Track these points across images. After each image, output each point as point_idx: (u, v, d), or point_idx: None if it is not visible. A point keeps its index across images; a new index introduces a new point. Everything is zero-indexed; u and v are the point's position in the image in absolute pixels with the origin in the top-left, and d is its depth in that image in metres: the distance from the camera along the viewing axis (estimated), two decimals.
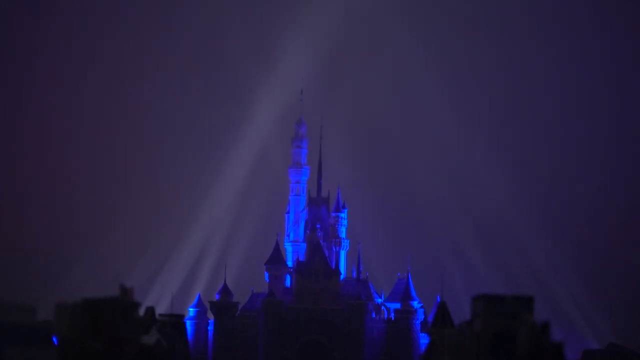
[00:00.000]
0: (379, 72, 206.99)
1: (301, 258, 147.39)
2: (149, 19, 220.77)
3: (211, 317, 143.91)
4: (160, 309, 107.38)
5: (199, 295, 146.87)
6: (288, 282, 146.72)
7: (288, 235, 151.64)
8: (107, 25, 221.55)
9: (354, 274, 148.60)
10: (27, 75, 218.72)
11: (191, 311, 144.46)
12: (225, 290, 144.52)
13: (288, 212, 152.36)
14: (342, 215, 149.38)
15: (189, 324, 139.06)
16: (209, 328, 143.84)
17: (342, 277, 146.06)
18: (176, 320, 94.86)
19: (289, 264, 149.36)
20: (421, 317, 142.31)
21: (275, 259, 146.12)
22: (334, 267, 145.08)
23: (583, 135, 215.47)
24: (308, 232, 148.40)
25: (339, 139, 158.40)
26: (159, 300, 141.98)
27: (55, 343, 57.10)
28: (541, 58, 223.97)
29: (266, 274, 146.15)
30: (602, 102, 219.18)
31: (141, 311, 62.62)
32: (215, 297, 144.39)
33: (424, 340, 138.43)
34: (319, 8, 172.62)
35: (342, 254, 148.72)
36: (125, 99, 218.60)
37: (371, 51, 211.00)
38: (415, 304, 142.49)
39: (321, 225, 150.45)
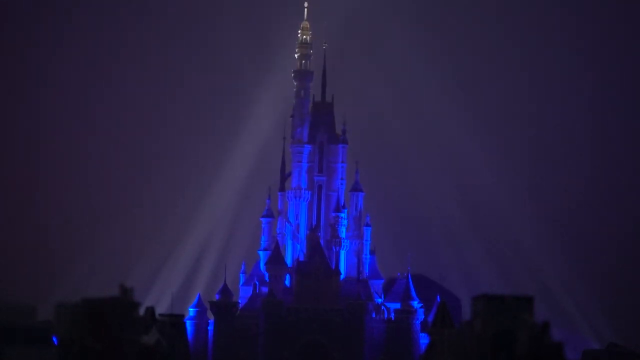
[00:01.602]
0: (379, 72, 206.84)
1: (304, 164, 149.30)
2: (147, 19, 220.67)
3: (211, 317, 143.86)
4: (160, 309, 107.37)
5: (199, 295, 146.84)
6: (288, 282, 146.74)
7: (293, 137, 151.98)
8: (104, 25, 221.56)
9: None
10: (30, 75, 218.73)
11: (191, 311, 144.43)
12: (225, 290, 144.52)
13: (293, 116, 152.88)
14: (342, 215, 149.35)
15: (189, 324, 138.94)
16: (209, 328, 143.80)
17: (342, 277, 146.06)
18: (176, 320, 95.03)
19: (293, 163, 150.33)
20: (421, 317, 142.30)
21: (275, 259, 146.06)
22: (334, 267, 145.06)
23: (584, 136, 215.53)
24: (315, 136, 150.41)
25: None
26: (159, 300, 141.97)
27: (55, 343, 57.12)
28: (543, 58, 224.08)
29: (266, 274, 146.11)
30: (605, 102, 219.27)
31: (141, 311, 62.63)
32: (215, 297, 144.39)
33: (424, 340, 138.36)
34: (319, 10, 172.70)
35: (342, 254, 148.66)
36: (124, 99, 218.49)
37: (371, 52, 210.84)
38: (415, 304, 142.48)
39: (325, 127, 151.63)
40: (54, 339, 57.84)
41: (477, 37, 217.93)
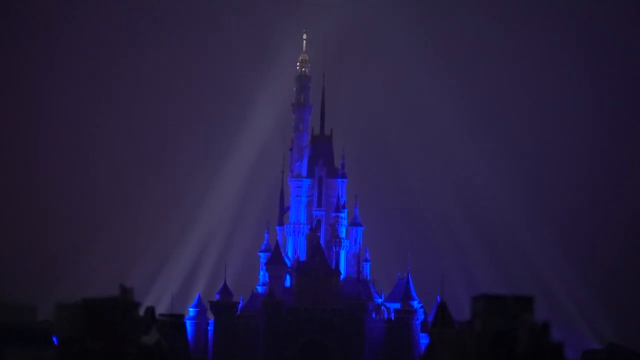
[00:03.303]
0: (379, 78, 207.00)
1: (303, 198, 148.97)
2: (147, 19, 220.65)
3: (211, 317, 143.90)
4: (160, 309, 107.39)
5: (199, 295, 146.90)
6: (288, 282, 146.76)
7: (292, 171, 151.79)
8: (104, 26, 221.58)
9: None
10: (31, 76, 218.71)
11: (191, 311, 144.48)
12: (225, 290, 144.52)
13: (291, 149, 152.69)
14: (342, 215, 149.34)
15: (189, 324, 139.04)
16: (209, 328, 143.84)
17: (342, 277, 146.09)
18: (176, 320, 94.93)
19: (292, 197, 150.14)
20: (421, 317, 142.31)
21: (275, 259, 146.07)
22: (334, 267, 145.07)
23: (583, 136, 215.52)
24: (314, 169, 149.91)
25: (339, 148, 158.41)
26: (159, 300, 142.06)
27: (55, 343, 57.08)
28: (544, 59, 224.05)
29: (266, 274, 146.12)
30: (604, 102, 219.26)
31: (141, 311, 62.57)
32: (215, 297, 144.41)
33: (424, 340, 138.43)
34: (318, 11, 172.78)
35: (342, 254, 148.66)
36: (122, 100, 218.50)
37: (371, 50, 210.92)
38: (415, 304, 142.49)
39: (324, 160, 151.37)
40: (54, 339, 57.80)
41: (477, 44, 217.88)
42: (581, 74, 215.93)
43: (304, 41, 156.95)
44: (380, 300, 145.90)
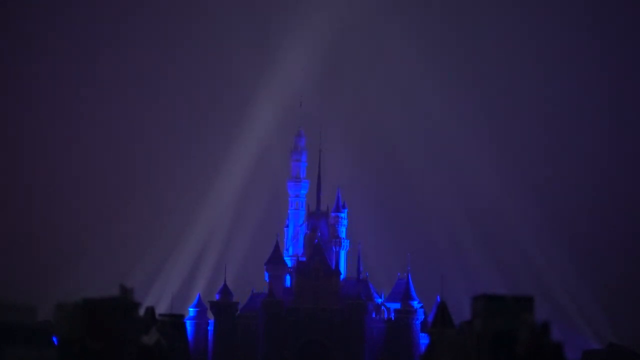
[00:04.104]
0: (378, 76, 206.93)
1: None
2: (149, 22, 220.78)
3: (211, 317, 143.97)
4: (160, 309, 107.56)
5: (199, 295, 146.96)
6: (288, 282, 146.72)
7: (287, 250, 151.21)
8: (107, 26, 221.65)
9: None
10: (35, 77, 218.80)
11: (191, 311, 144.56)
12: (225, 290, 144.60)
13: (287, 226, 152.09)
14: (342, 215, 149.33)
15: (189, 324, 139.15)
16: (209, 328, 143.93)
17: (342, 277, 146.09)
18: (176, 320, 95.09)
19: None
20: (421, 317, 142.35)
21: (275, 259, 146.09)
22: (334, 267, 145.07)
23: (583, 135, 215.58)
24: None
25: (338, 148, 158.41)
26: (159, 300, 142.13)
27: (55, 343, 57.12)
28: (541, 57, 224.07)
29: (266, 274, 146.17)
30: (603, 101, 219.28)
31: (141, 311, 62.63)
32: (215, 297, 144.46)
33: (424, 340, 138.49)
34: (318, 13, 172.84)
35: (342, 254, 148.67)
36: (123, 102, 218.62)
37: (370, 56, 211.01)
38: (415, 304, 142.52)
39: (321, 239, 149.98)
40: (54, 339, 57.86)
41: (485, 57, 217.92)
42: (589, 77, 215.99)
43: (300, 109, 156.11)
44: (380, 300, 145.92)
